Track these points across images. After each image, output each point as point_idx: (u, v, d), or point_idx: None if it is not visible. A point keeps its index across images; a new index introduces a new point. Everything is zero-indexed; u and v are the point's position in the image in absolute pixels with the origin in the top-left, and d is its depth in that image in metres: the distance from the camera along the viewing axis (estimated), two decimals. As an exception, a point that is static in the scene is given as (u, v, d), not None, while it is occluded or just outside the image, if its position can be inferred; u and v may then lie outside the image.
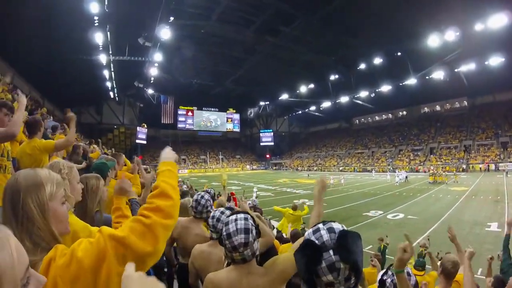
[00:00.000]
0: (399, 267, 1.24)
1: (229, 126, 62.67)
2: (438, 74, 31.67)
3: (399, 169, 32.22)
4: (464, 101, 41.96)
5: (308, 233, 0.83)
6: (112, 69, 28.51)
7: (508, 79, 29.11)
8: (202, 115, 58.71)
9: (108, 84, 32.61)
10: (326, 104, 47.65)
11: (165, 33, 23.56)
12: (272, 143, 62.52)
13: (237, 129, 64.18)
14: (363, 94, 40.00)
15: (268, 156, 61.75)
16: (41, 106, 16.38)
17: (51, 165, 1.26)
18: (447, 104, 44.23)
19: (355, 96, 41.34)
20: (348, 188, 21.17)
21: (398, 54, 30.50)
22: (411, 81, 33.22)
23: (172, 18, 23.34)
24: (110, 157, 3.01)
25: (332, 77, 38.97)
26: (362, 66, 33.87)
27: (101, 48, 22.66)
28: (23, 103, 2.15)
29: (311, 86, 42.39)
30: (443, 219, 10.46)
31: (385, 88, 36.36)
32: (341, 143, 54.94)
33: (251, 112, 62.25)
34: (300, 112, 57.49)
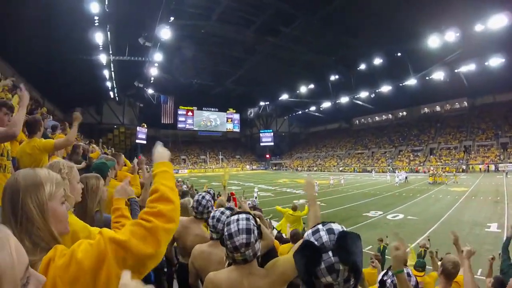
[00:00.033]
0: (397, 267, 1.25)
1: (229, 126, 62.61)
2: (438, 75, 31.66)
3: (399, 170, 32.22)
4: (464, 102, 41.94)
5: (307, 234, 0.83)
6: (112, 69, 28.50)
7: (508, 80, 29.11)
8: (202, 115, 58.68)
9: (108, 84, 32.61)
10: (326, 105, 47.62)
11: (165, 33, 23.55)
12: (272, 143, 62.48)
13: (237, 129, 64.12)
14: (363, 94, 39.97)
15: (268, 156, 61.71)
16: (41, 106, 16.36)
17: (51, 165, 1.26)
18: (447, 104, 44.21)
19: (355, 96, 41.31)
20: (348, 189, 21.17)
21: (398, 54, 30.50)
22: (411, 81, 33.20)
23: (172, 18, 23.34)
24: (110, 157, 3.01)
25: (332, 77, 38.93)
26: (362, 66, 33.86)
27: (101, 48, 22.67)
28: (25, 100, 2.06)
29: (311, 86, 42.36)
30: (443, 220, 10.46)
31: (385, 88, 36.34)
32: (341, 143, 54.93)
33: (251, 112, 62.20)
34: (300, 112, 57.45)
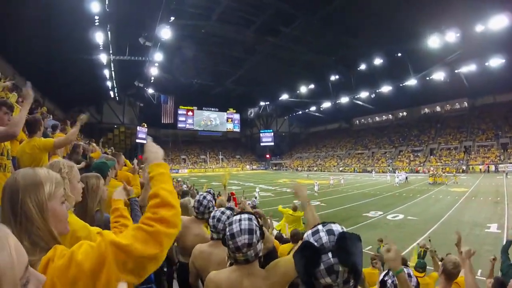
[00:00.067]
0: (394, 268, 1.26)
1: (229, 126, 62.63)
2: (439, 75, 31.67)
3: (399, 170, 32.18)
4: (465, 102, 41.93)
5: (307, 234, 0.82)
6: (112, 69, 28.50)
7: (508, 80, 29.10)
8: (202, 114, 58.72)
9: (109, 83, 32.61)
10: (326, 105, 47.63)
11: (165, 33, 23.55)
12: (272, 143, 62.49)
13: (237, 129, 64.14)
14: (363, 94, 39.98)
15: (268, 156, 61.72)
16: (41, 105, 16.33)
17: (51, 165, 1.25)
18: (447, 105, 44.19)
19: (355, 96, 41.33)
20: (348, 189, 21.17)
21: (399, 54, 30.50)
22: (412, 81, 33.20)
23: (172, 18, 23.34)
24: (110, 156, 3.01)
25: (332, 78, 38.94)
26: (362, 66, 33.88)
27: (101, 47, 22.66)
28: (30, 100, 2.05)
29: (311, 86, 42.37)
30: (443, 220, 10.45)
31: (385, 88, 36.34)
32: (341, 143, 54.92)
33: (251, 112, 62.20)
34: (300, 112, 57.47)
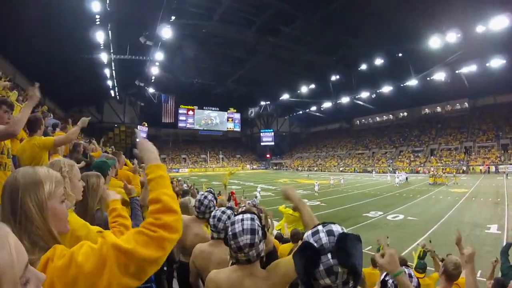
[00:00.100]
0: (391, 271, 1.24)
1: (230, 125, 62.65)
2: (439, 75, 31.63)
3: (399, 170, 32.14)
4: (465, 103, 41.87)
5: (307, 235, 0.81)
6: (113, 68, 28.54)
7: (509, 81, 29.05)
8: (203, 113, 58.78)
9: (109, 83, 32.66)
10: (326, 105, 47.63)
11: (166, 32, 23.56)
12: (273, 143, 62.52)
13: (237, 129, 64.17)
14: (364, 94, 39.95)
15: (268, 156, 61.75)
16: (42, 104, 16.35)
17: (51, 163, 1.25)
18: (448, 105, 44.13)
19: (356, 96, 41.31)
20: (348, 189, 21.16)
21: (399, 55, 30.46)
22: (412, 82, 33.17)
23: (173, 18, 23.37)
24: (110, 155, 3.01)
25: (332, 78, 38.90)
26: (363, 66, 33.85)
27: (102, 47, 22.71)
28: (35, 100, 2.04)
29: (312, 86, 42.35)
30: (443, 221, 10.44)
31: (386, 89, 36.31)
32: (342, 143, 54.91)
33: (252, 112, 62.21)
34: (300, 112, 57.47)
